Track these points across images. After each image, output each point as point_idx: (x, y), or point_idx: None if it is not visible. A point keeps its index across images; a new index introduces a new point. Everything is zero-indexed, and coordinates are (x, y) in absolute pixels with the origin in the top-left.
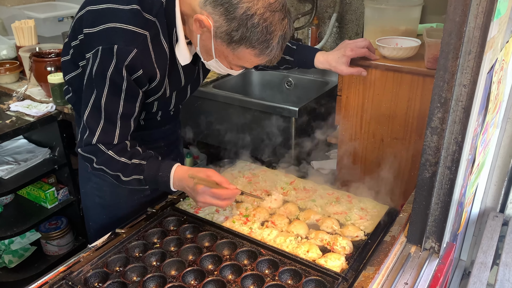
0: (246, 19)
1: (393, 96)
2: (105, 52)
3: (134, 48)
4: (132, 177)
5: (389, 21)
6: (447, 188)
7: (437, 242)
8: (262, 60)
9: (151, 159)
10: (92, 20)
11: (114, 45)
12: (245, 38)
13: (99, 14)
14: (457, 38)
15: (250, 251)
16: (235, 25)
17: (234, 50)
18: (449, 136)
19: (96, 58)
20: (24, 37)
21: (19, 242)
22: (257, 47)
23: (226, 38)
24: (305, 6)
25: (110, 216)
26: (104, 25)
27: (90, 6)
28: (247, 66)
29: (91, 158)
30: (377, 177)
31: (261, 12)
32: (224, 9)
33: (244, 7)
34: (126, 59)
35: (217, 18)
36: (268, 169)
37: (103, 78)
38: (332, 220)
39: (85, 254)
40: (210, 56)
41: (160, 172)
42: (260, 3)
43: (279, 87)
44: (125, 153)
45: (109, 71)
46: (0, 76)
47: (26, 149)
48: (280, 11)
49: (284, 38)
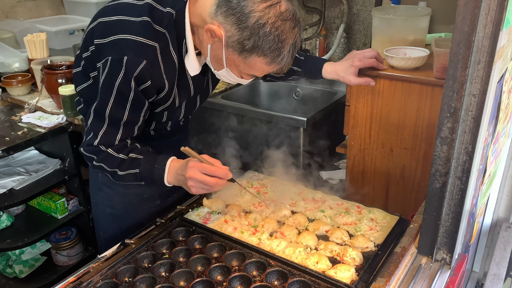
0: (258, 28)
1: (402, 106)
2: (115, 63)
3: (143, 60)
4: (128, 171)
5: (397, 31)
6: (458, 198)
7: (448, 253)
8: (273, 68)
9: (148, 153)
10: (103, 32)
11: (124, 56)
12: (257, 46)
13: (110, 26)
14: (466, 48)
15: (259, 262)
16: (247, 34)
17: (246, 59)
18: (459, 146)
19: (105, 67)
20: (36, 50)
21: (30, 252)
22: (268, 55)
23: (238, 47)
24: (312, 17)
25: (119, 226)
26: (114, 36)
27: (101, 18)
28: (258, 75)
29: (92, 157)
30: (386, 187)
31: (272, 21)
32: (236, 18)
33: (256, 16)
34: (135, 70)
35: (229, 28)
36: (277, 179)
37: (110, 87)
38: (341, 231)
39: (94, 264)
40: (221, 66)
41: (156, 164)
42: (272, 12)
43: (287, 98)
44: (124, 149)
45: (117, 81)
46: (13, 88)
47: (37, 160)
48: (291, 20)
49: (295, 47)
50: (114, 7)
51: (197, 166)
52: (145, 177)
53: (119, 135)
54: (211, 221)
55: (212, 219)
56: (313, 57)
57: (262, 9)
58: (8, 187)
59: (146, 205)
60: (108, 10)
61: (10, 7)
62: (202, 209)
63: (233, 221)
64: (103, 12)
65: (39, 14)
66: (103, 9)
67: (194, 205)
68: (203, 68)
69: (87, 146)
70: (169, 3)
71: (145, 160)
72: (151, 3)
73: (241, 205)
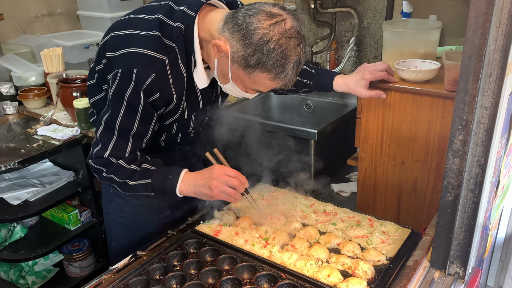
0: (262, 44)
1: (413, 118)
2: (125, 75)
3: (152, 73)
4: (139, 181)
5: (407, 44)
6: (471, 211)
7: (461, 267)
8: (277, 84)
9: (160, 165)
10: (114, 45)
11: (134, 69)
12: (261, 62)
13: (121, 39)
14: (477, 61)
15: (270, 275)
16: (252, 50)
17: (250, 74)
18: (472, 158)
19: (115, 79)
20: (52, 64)
21: (43, 263)
22: (272, 71)
23: (242, 63)
24: (323, 31)
25: (131, 237)
26: (125, 49)
27: (114, 32)
28: (262, 90)
29: (101, 169)
30: (398, 200)
31: (276, 38)
32: (241, 35)
33: (261, 33)
34: (145, 82)
35: (234, 44)
36: (288, 191)
37: (120, 99)
38: (353, 244)
39: (106, 276)
40: (226, 80)
41: (170, 175)
42: (276, 30)
43: (298, 110)
44: (135, 161)
45: (127, 93)
46: (29, 101)
47: (51, 172)
48: (295, 38)
49: (299, 63)
50: (126, 21)
51: (223, 168)
52: (157, 187)
53: (129, 147)
54: (222, 233)
55: (223, 231)
56: (324, 70)
57: (267, 26)
58: (23, 198)
59: (157, 216)
60: (120, 24)
61: (28, 22)
62: (213, 221)
63: (244, 234)
64: (116, 26)
65: (55, 29)
66: (116, 23)
67: (205, 217)
68: (212, 81)
69: (96, 158)
70: (178, 18)
71: (158, 171)
72: (161, 18)
73: (252, 218)
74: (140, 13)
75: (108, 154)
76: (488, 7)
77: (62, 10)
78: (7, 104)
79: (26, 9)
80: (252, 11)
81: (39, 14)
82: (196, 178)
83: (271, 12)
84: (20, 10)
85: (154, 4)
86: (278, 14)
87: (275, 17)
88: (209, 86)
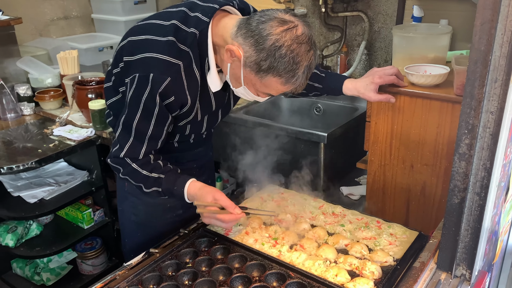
0: (274, 50)
1: (422, 122)
2: (141, 79)
3: (168, 77)
4: (153, 189)
5: (417, 49)
6: (477, 214)
7: (468, 269)
8: (288, 88)
9: (169, 173)
10: (131, 50)
11: (150, 73)
12: (272, 67)
13: (138, 44)
14: (483, 67)
15: (279, 274)
16: (264, 55)
17: (262, 79)
18: (477, 162)
19: (133, 83)
20: (68, 67)
21: (57, 260)
22: (283, 76)
23: (255, 67)
24: (334, 35)
25: (144, 234)
26: (142, 54)
27: (131, 37)
28: (273, 94)
29: (119, 168)
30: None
31: (288, 44)
32: (254, 40)
33: (273, 39)
34: (160, 86)
35: (247, 49)
36: (297, 193)
37: (137, 102)
38: (361, 245)
39: (120, 272)
40: (239, 84)
41: (176, 186)
42: (288, 36)
43: (308, 113)
44: (148, 166)
45: (144, 96)
46: (45, 102)
47: (66, 171)
48: (306, 43)
49: (310, 68)
50: (143, 26)
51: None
52: (168, 194)
53: (143, 149)
54: (232, 232)
55: (234, 231)
56: (333, 74)
57: (279, 32)
58: (39, 197)
59: (169, 214)
60: (138, 29)
61: (44, 25)
62: None
63: (254, 233)
64: (133, 31)
65: (71, 32)
66: (133, 28)
67: None
68: (224, 85)
69: (113, 157)
70: (193, 24)
71: (166, 180)
72: (177, 24)
73: (262, 218)
74: (157, 19)
75: (124, 155)
76: (494, 15)
77: (77, 13)
78: (25, 105)
79: (43, 13)
80: (265, 18)
81: (55, 18)
82: (197, 195)
83: (283, 18)
84: (37, 14)
85: (170, 10)
86: (290, 20)
87: (287, 23)
88: (222, 89)
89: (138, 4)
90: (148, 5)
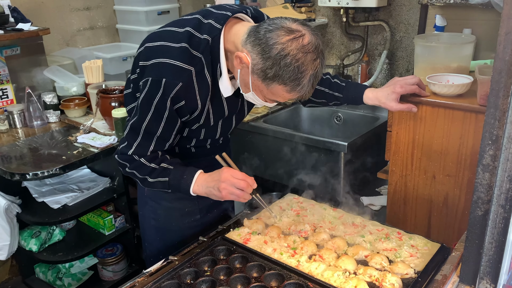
0: (279, 58)
1: (445, 132)
2: (154, 83)
3: (179, 82)
4: (158, 179)
5: (440, 59)
6: (501, 227)
7: (492, 283)
8: (294, 95)
9: (178, 164)
10: (147, 55)
11: (162, 78)
12: (278, 75)
13: (153, 50)
14: (507, 77)
15: (298, 284)
16: (270, 64)
17: (268, 86)
18: (502, 173)
19: (145, 87)
20: (93, 76)
21: (78, 266)
22: (288, 84)
23: (261, 75)
24: (355, 44)
25: (163, 239)
26: (156, 59)
27: (148, 43)
28: (280, 101)
29: (125, 164)
30: (429, 214)
31: (294, 53)
32: (261, 49)
33: (279, 48)
34: (172, 91)
35: (255, 56)
36: (317, 203)
37: (148, 105)
38: (381, 256)
39: (140, 279)
40: (248, 89)
41: (185, 175)
42: (294, 45)
43: (328, 122)
44: (156, 160)
45: (156, 100)
46: (70, 110)
47: (89, 178)
48: (312, 52)
49: (316, 77)
50: (159, 33)
51: (230, 171)
52: (173, 185)
53: (151, 148)
54: (251, 241)
55: (252, 240)
56: (354, 83)
57: (285, 41)
58: (63, 203)
59: (187, 219)
60: (154, 36)
61: (71, 36)
62: (242, 229)
63: (273, 243)
64: (150, 38)
65: (96, 42)
66: (150, 36)
67: (235, 225)
68: (237, 90)
69: (121, 154)
70: (206, 31)
71: (175, 170)
72: (190, 31)
73: (280, 227)
74: (172, 26)
75: (132, 152)
76: None
77: (103, 24)
78: (50, 113)
79: (70, 24)
80: (273, 27)
81: (82, 28)
82: (207, 180)
83: (290, 28)
84: (65, 25)
85: (185, 18)
86: (297, 30)
87: (294, 32)
88: (235, 95)
89: (161, 15)
90: (171, 15)
